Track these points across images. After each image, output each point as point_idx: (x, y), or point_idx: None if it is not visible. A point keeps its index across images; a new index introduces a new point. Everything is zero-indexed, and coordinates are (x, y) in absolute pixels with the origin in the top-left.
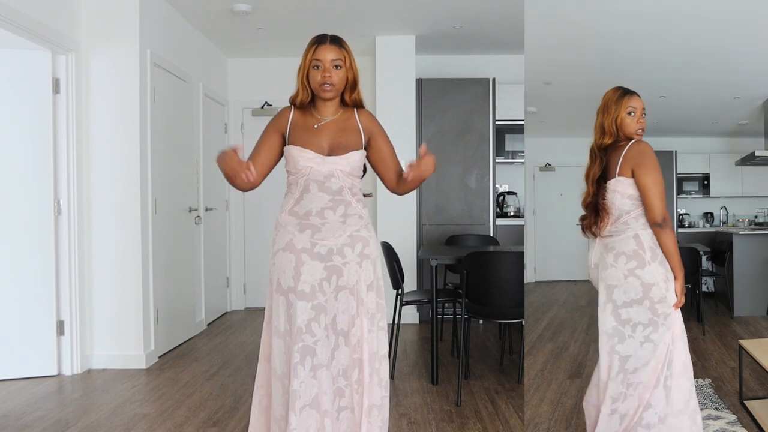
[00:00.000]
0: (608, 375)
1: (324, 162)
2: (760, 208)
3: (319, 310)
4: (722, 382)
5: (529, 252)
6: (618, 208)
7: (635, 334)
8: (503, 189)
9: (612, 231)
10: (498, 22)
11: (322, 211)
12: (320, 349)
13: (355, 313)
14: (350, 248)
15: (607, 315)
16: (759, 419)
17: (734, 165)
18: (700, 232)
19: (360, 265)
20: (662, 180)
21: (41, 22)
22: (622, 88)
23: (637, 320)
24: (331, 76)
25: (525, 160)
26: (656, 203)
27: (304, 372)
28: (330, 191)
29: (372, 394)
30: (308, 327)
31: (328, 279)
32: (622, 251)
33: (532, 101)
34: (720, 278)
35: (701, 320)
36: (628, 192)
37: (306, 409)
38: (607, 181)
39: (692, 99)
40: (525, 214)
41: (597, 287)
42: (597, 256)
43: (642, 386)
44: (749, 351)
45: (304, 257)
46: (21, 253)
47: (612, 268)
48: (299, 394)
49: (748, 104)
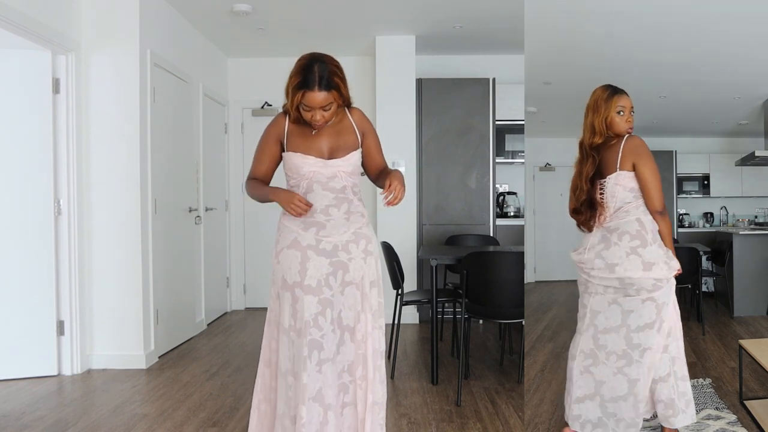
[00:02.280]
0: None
1: (326, 166)
2: (760, 208)
3: (325, 304)
4: (722, 382)
5: (529, 252)
6: (619, 200)
7: (640, 295)
8: (503, 189)
9: (613, 219)
10: (498, 22)
11: (327, 209)
12: (327, 343)
13: (360, 308)
14: (355, 245)
15: (598, 293)
16: (759, 419)
17: (734, 165)
18: (700, 232)
19: (365, 261)
20: (658, 171)
21: (41, 22)
22: (611, 86)
23: (641, 286)
24: (322, 117)
25: (525, 160)
26: (658, 193)
27: (311, 365)
28: (334, 190)
29: (375, 390)
30: (315, 321)
31: (334, 274)
32: (626, 231)
33: (532, 101)
34: (720, 278)
35: (701, 320)
36: (629, 185)
37: (309, 402)
38: (606, 176)
39: (692, 99)
40: (525, 214)
41: (585, 271)
42: (597, 238)
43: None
44: (749, 351)
45: (310, 253)
46: (21, 253)
47: (615, 246)
48: (307, 387)
49: (748, 104)
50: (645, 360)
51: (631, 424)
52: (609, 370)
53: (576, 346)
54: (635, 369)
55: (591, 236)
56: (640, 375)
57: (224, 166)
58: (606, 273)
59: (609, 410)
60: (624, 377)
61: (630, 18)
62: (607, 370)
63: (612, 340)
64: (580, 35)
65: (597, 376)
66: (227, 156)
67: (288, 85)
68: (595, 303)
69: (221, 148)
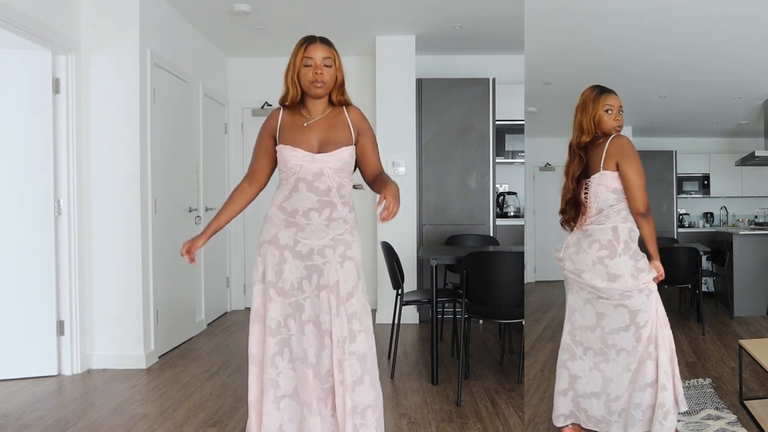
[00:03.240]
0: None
1: (314, 160)
2: (760, 208)
3: (296, 307)
4: (722, 382)
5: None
6: (602, 201)
7: (612, 300)
8: (503, 189)
9: (592, 222)
10: (498, 22)
11: (308, 212)
12: (296, 343)
13: (336, 312)
14: (332, 250)
15: (574, 291)
16: (759, 419)
17: (734, 165)
18: (700, 232)
19: (342, 265)
20: (643, 172)
21: (41, 22)
22: (599, 86)
23: (608, 294)
24: (322, 74)
25: (525, 160)
26: (641, 194)
27: (283, 363)
28: (318, 192)
29: (364, 394)
30: (285, 321)
31: (309, 278)
32: (597, 239)
33: (532, 101)
34: (720, 278)
35: (701, 320)
36: (612, 185)
37: (286, 399)
38: (590, 176)
39: (692, 99)
40: (525, 214)
41: (564, 270)
42: (573, 239)
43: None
44: (749, 351)
45: (287, 254)
46: (21, 253)
47: (584, 253)
48: (278, 383)
49: (748, 104)
50: (620, 360)
51: (600, 420)
52: (585, 366)
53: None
54: (611, 367)
55: (570, 236)
56: (614, 374)
57: (224, 166)
58: (576, 276)
59: (581, 405)
60: (599, 374)
61: (630, 18)
62: (583, 365)
63: (587, 338)
64: (580, 35)
65: (572, 371)
66: (227, 156)
67: (290, 61)
68: (572, 300)
69: (221, 148)
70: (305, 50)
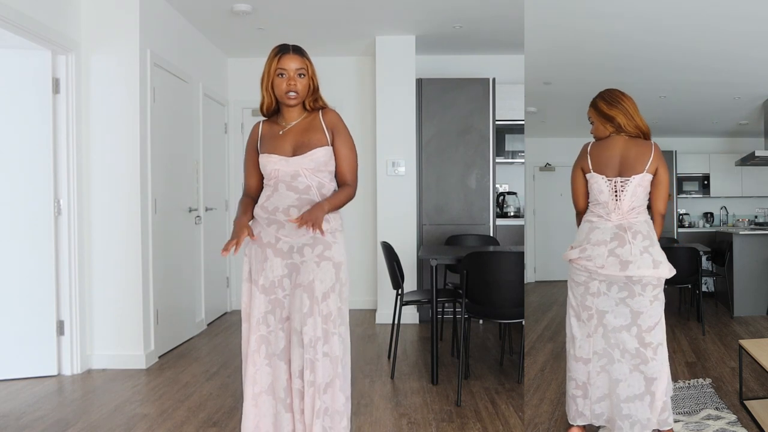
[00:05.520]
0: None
1: (288, 163)
2: (760, 208)
3: (275, 304)
4: (722, 382)
5: (529, 252)
6: (637, 200)
7: (645, 293)
8: (503, 189)
9: (624, 218)
10: (498, 22)
11: (288, 209)
12: (273, 338)
13: (308, 312)
14: (310, 248)
15: (602, 294)
16: (759, 419)
17: (734, 165)
18: (700, 232)
19: (318, 265)
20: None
21: (41, 22)
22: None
23: (648, 283)
24: (295, 84)
25: (525, 160)
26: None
27: (260, 359)
28: (297, 190)
29: (334, 397)
30: (265, 318)
31: (289, 276)
32: (638, 230)
33: (532, 101)
34: (720, 278)
35: (701, 320)
36: (648, 187)
37: (263, 395)
38: (630, 176)
39: (692, 99)
40: (525, 214)
41: (588, 269)
42: (608, 235)
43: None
44: (749, 351)
45: (269, 252)
46: (21, 253)
47: (629, 244)
48: (255, 379)
49: (748, 104)
50: (659, 356)
51: (645, 425)
52: (626, 368)
53: (581, 348)
54: (651, 366)
55: (597, 233)
56: (656, 373)
57: (224, 166)
58: (616, 270)
59: (624, 412)
60: (641, 375)
61: (630, 18)
62: (623, 368)
63: (623, 340)
64: (580, 35)
65: (613, 375)
66: (227, 156)
67: (264, 69)
68: (601, 303)
69: (221, 148)
70: (278, 61)
